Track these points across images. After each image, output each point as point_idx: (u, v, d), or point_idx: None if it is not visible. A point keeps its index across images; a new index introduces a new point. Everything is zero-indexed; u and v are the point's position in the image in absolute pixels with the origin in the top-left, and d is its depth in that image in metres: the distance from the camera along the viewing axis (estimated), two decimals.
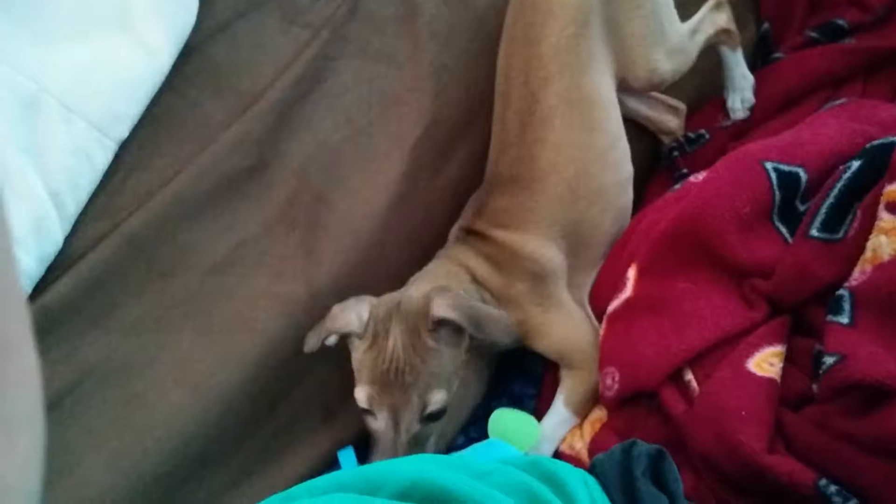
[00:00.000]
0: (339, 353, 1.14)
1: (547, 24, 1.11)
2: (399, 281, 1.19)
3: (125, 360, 0.99)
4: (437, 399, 0.98)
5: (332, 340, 1.03)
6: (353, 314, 1.01)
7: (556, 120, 1.11)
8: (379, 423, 0.98)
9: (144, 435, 0.97)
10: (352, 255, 1.12)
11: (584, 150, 1.14)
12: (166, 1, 1.04)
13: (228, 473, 1.04)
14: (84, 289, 0.97)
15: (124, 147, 1.01)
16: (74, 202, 0.96)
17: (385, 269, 1.17)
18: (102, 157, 0.98)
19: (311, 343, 1.03)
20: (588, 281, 1.20)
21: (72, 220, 0.97)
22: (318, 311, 1.09)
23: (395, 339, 0.99)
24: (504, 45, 1.18)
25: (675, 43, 1.22)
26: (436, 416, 0.99)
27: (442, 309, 0.99)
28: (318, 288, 1.09)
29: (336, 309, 1.02)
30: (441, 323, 1.00)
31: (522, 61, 1.13)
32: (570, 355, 1.12)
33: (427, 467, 0.62)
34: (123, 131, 1.00)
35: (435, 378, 0.99)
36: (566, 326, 1.13)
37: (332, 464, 1.11)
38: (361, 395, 0.99)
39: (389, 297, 1.05)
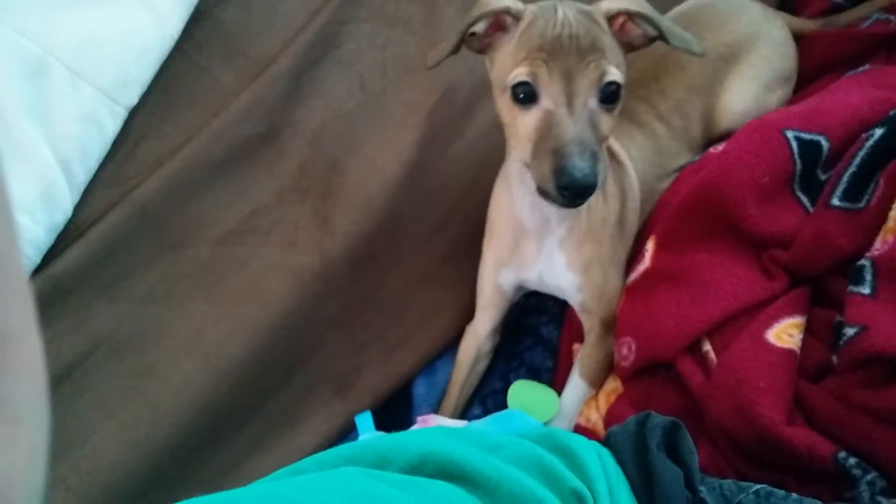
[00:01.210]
0: (355, 321, 1.14)
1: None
2: (415, 251, 1.19)
3: (136, 331, 0.98)
4: (616, 73, 0.86)
5: (480, 27, 0.91)
6: None
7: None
8: (546, 101, 0.85)
9: (156, 406, 0.97)
10: (365, 224, 1.11)
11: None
12: None
13: (240, 445, 1.04)
14: (93, 258, 0.95)
15: (134, 114, 0.98)
16: (84, 170, 0.95)
17: (400, 239, 1.17)
18: (112, 124, 0.97)
19: (443, 48, 0.92)
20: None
21: (81, 188, 0.95)
22: (331, 280, 1.09)
23: (566, 11, 0.87)
24: None
25: None
26: (613, 97, 0.87)
27: (622, 1, 0.90)
28: (330, 258, 1.08)
29: None
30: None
31: None
32: (599, 312, 1.10)
33: (438, 440, 0.61)
34: (133, 97, 0.98)
35: (611, 52, 0.87)
36: (613, 285, 1.10)
37: (345, 435, 1.11)
38: (522, 70, 0.85)
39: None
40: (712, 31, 1.24)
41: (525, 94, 0.87)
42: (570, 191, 0.83)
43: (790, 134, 1.04)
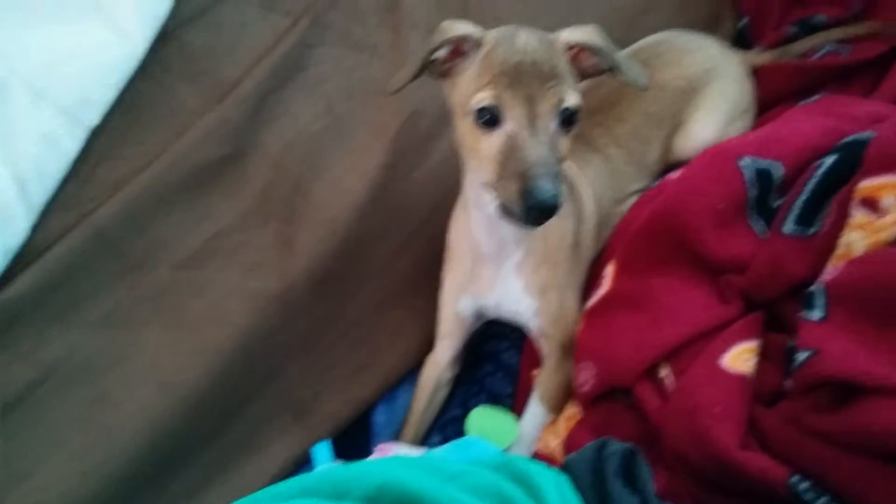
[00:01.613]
0: (316, 345, 1.13)
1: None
2: (378, 273, 1.18)
3: (90, 358, 0.96)
4: (575, 98, 0.89)
5: (441, 53, 0.93)
6: (465, 24, 0.92)
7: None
8: (510, 125, 0.87)
9: (109, 435, 0.94)
10: (329, 246, 1.10)
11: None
12: None
13: (195, 474, 1.02)
14: (48, 282, 0.94)
15: (95, 134, 0.97)
16: (41, 191, 0.93)
17: (363, 261, 1.16)
18: (72, 144, 0.95)
19: (405, 74, 0.94)
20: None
21: (38, 209, 0.93)
22: (293, 304, 1.08)
23: (527, 38, 0.90)
24: None
25: None
26: (570, 120, 0.90)
27: (580, 34, 0.93)
28: (292, 281, 1.07)
29: (444, 23, 0.93)
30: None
31: None
32: (557, 336, 1.10)
33: (396, 470, 0.61)
34: (94, 118, 0.97)
35: (569, 78, 0.90)
36: (570, 308, 1.11)
37: (304, 463, 1.09)
38: (486, 94, 0.87)
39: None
40: (671, 65, 1.29)
41: (489, 118, 0.89)
42: (536, 211, 0.84)
43: (745, 161, 1.05)
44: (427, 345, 1.23)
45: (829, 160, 1.01)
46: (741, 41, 1.51)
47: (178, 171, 1.02)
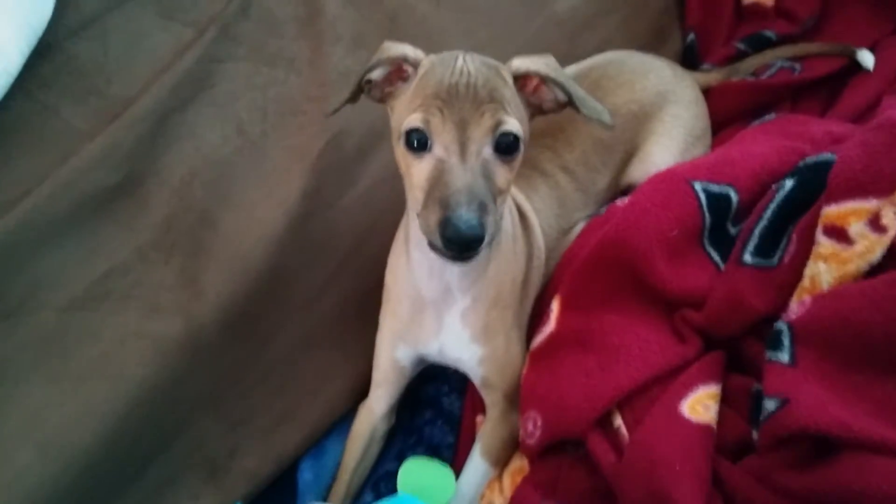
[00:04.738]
0: (228, 395, 1.01)
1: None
2: (300, 312, 1.07)
3: None
4: (513, 124, 0.81)
5: (378, 74, 0.86)
6: (404, 46, 0.86)
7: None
8: (438, 149, 0.80)
9: None
10: (242, 283, 0.99)
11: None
12: None
13: None
14: None
15: None
16: None
17: (283, 299, 1.05)
18: None
19: (344, 92, 0.87)
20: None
21: None
22: (200, 350, 0.95)
23: (467, 62, 0.83)
24: None
25: None
26: (510, 148, 0.82)
27: (531, 62, 0.86)
28: (199, 323, 0.96)
29: (385, 44, 0.86)
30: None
31: None
32: (502, 386, 1.01)
33: None
34: None
35: (511, 105, 0.83)
36: (516, 353, 1.02)
37: None
38: (416, 116, 0.80)
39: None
40: (622, 88, 1.22)
41: (418, 142, 0.81)
42: (455, 243, 0.76)
43: (698, 185, 1.00)
44: (359, 390, 1.12)
45: (788, 184, 0.96)
46: (688, 58, 1.46)
47: (63, 200, 0.89)
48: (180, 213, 0.96)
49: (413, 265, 0.97)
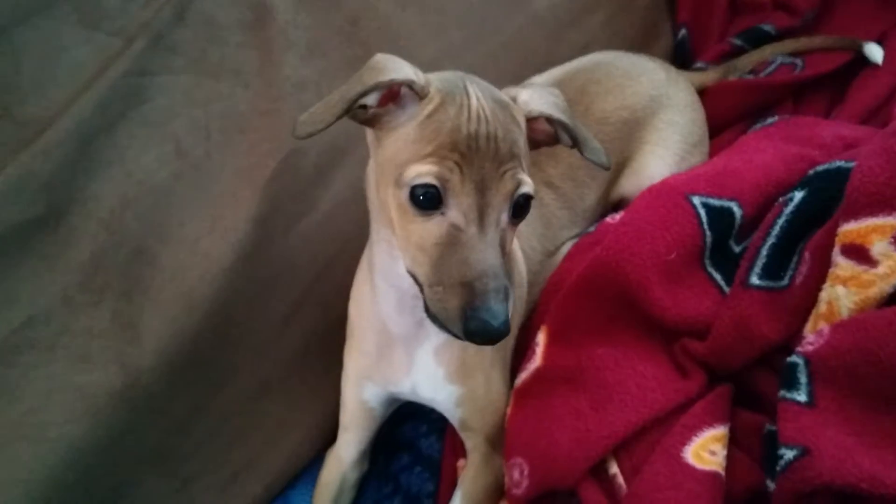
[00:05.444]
0: (175, 450, 0.90)
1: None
2: (256, 353, 0.96)
3: None
4: (529, 183, 0.73)
5: (372, 100, 0.72)
6: (405, 65, 0.73)
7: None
8: (454, 214, 0.70)
9: None
10: (185, 326, 0.89)
11: None
12: None
13: None
14: None
15: None
16: None
17: (234, 340, 0.95)
18: None
19: (321, 117, 0.71)
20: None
21: None
22: (139, 402, 0.85)
23: (480, 99, 0.72)
24: None
25: None
26: (523, 210, 0.74)
27: (543, 103, 0.77)
28: (137, 372, 0.85)
29: (378, 58, 0.73)
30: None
31: None
32: (483, 428, 0.92)
33: None
34: None
35: (525, 159, 0.74)
36: (498, 392, 0.92)
37: None
38: (428, 169, 0.69)
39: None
40: (611, 93, 1.13)
41: (427, 199, 0.70)
42: (479, 337, 0.67)
43: (697, 200, 0.92)
44: (327, 434, 1.02)
45: (797, 196, 0.88)
46: (680, 56, 1.38)
47: None
48: (111, 249, 0.85)
49: (379, 297, 0.86)
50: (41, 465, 0.80)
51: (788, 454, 0.69)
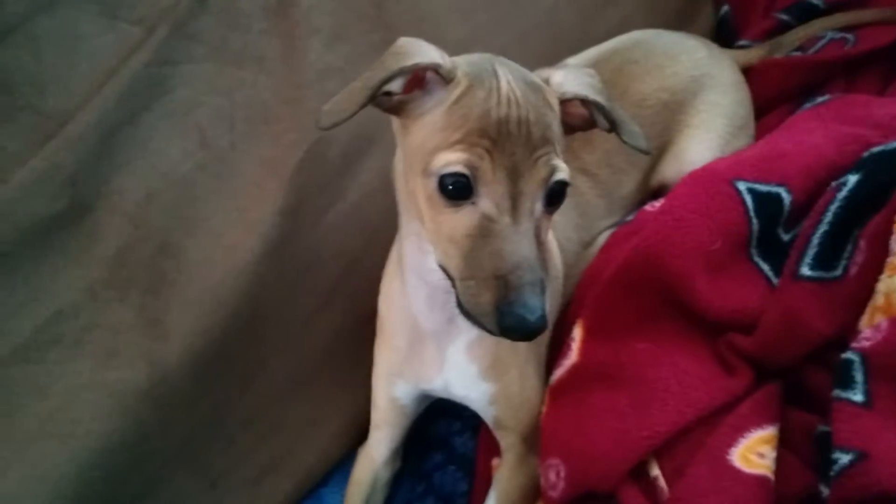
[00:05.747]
0: (204, 447, 0.89)
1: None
2: (284, 348, 0.95)
3: None
4: (564, 169, 0.70)
5: (396, 86, 0.70)
6: (430, 48, 0.70)
7: None
8: (486, 203, 0.67)
9: None
10: (213, 321, 0.88)
11: None
12: None
13: None
14: None
15: None
16: None
17: (264, 337, 0.94)
18: None
19: (344, 106, 0.68)
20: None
21: None
22: (166, 399, 0.84)
23: (510, 82, 0.69)
24: None
25: None
26: (558, 197, 0.71)
27: (578, 84, 0.74)
28: (164, 369, 0.85)
29: (402, 42, 0.71)
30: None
31: None
32: (517, 427, 0.89)
33: None
34: None
35: (560, 143, 0.71)
36: (533, 390, 0.89)
37: None
38: (457, 157, 0.66)
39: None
40: (650, 74, 1.09)
41: (457, 188, 0.67)
42: (515, 333, 0.64)
43: (742, 186, 0.88)
44: (358, 431, 1.01)
45: (851, 180, 0.84)
46: (723, 34, 1.33)
47: None
48: (136, 243, 0.84)
49: (409, 291, 0.84)
50: (69, 464, 0.80)
51: (843, 458, 0.66)
